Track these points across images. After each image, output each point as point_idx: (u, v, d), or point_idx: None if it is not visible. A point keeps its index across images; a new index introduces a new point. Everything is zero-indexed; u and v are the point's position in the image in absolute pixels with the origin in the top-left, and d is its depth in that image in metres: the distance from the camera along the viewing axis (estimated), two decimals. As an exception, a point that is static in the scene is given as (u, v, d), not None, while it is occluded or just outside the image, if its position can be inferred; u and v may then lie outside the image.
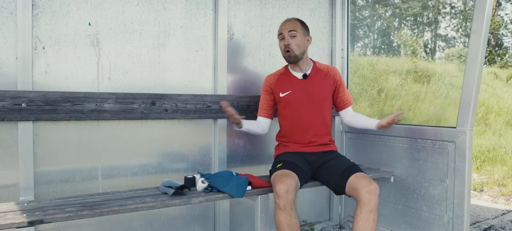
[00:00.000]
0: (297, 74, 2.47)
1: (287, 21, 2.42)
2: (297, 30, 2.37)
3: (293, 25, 2.38)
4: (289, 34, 2.36)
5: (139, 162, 2.51)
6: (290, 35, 2.36)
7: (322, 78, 2.47)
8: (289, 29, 2.36)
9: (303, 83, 2.43)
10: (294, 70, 2.48)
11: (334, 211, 3.23)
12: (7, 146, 2.16)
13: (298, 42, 2.38)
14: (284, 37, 2.39)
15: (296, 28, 2.37)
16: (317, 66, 2.51)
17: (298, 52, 2.39)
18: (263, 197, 2.21)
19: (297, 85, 2.44)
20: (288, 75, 2.49)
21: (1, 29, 2.12)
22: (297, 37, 2.37)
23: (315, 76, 2.46)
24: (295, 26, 2.38)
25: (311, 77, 2.45)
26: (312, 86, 2.43)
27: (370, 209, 2.05)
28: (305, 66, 2.47)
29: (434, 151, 2.52)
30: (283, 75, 2.51)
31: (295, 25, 2.38)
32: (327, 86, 2.48)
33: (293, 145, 2.44)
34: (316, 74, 2.47)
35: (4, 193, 2.16)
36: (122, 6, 2.41)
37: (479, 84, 2.30)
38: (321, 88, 2.46)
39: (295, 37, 2.37)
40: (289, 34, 2.36)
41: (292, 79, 2.46)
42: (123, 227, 2.48)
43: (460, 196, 2.38)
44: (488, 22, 2.24)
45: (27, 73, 2.15)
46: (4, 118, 2.10)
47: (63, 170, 2.31)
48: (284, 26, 2.40)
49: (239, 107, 2.76)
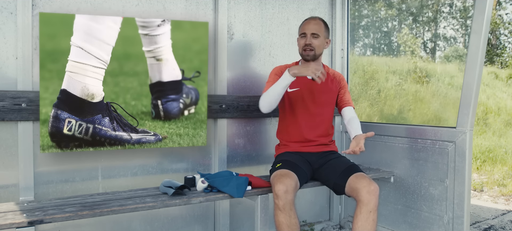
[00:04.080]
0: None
1: (312, 21, 2.38)
2: (320, 33, 2.36)
3: (318, 28, 2.35)
4: (311, 36, 2.35)
5: (139, 162, 2.51)
6: (313, 37, 2.35)
7: (328, 82, 2.47)
8: (313, 32, 2.34)
9: (311, 84, 2.42)
10: None
11: (334, 211, 3.23)
12: (7, 146, 2.16)
13: (319, 43, 2.36)
14: (306, 36, 2.36)
15: (320, 31, 2.36)
16: (326, 70, 2.50)
17: (317, 53, 2.38)
18: (263, 197, 2.21)
19: (306, 85, 2.43)
20: None
21: (1, 29, 2.12)
22: (319, 39, 2.36)
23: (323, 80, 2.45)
24: (319, 29, 2.36)
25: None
26: (319, 89, 2.42)
27: (370, 209, 2.05)
28: (317, 67, 2.45)
29: (434, 151, 2.52)
30: None
31: (319, 28, 2.36)
32: (333, 90, 2.48)
33: (294, 144, 2.43)
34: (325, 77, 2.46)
35: (4, 193, 2.16)
36: (122, 6, 2.41)
37: (479, 84, 2.30)
38: (327, 91, 2.45)
39: (317, 39, 2.36)
40: (312, 35, 2.35)
41: (302, 77, 2.43)
42: (123, 227, 2.48)
43: (460, 196, 2.38)
44: (488, 22, 2.24)
45: (27, 73, 2.15)
46: (4, 118, 2.10)
47: (63, 170, 2.31)
48: (308, 26, 2.37)
49: (239, 107, 2.76)
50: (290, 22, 3.01)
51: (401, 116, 9.20)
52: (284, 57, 2.97)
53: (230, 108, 2.73)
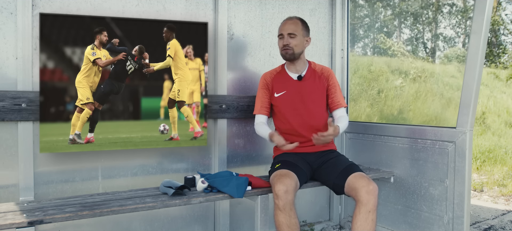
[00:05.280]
0: (293, 74, 2.46)
1: (289, 21, 2.42)
2: (297, 32, 2.37)
3: (294, 27, 2.37)
4: (288, 36, 2.37)
5: (139, 162, 2.51)
6: (290, 37, 2.37)
7: (316, 79, 2.47)
8: (289, 32, 2.36)
9: (297, 85, 2.43)
10: (290, 70, 2.48)
11: (334, 211, 3.23)
12: (7, 146, 2.16)
13: (297, 43, 2.38)
14: (283, 37, 2.39)
15: (297, 30, 2.37)
16: (312, 68, 2.50)
17: (296, 52, 2.39)
18: (263, 197, 2.21)
19: (292, 86, 2.44)
20: (284, 75, 2.48)
21: (1, 29, 2.12)
22: (296, 38, 2.37)
23: (310, 78, 2.46)
24: (296, 29, 2.38)
25: (305, 79, 2.45)
26: (306, 88, 2.43)
27: (369, 209, 2.04)
28: (301, 66, 2.47)
29: (434, 151, 2.52)
30: (279, 74, 2.51)
31: (295, 27, 2.38)
32: (320, 88, 2.47)
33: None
34: (311, 75, 2.47)
35: (4, 193, 2.17)
36: (122, 6, 2.41)
37: (479, 85, 2.30)
38: (315, 90, 2.45)
39: (294, 38, 2.37)
40: (289, 35, 2.37)
41: (287, 79, 2.46)
42: (123, 227, 2.48)
43: (460, 196, 2.38)
44: (488, 22, 2.24)
45: (27, 73, 2.15)
46: (4, 118, 2.10)
47: (63, 170, 2.31)
48: (285, 27, 2.40)
49: (239, 107, 2.76)
50: (290, 22, 3.01)
51: (401, 116, 9.20)
52: (284, 57, 2.97)
53: (230, 108, 2.73)
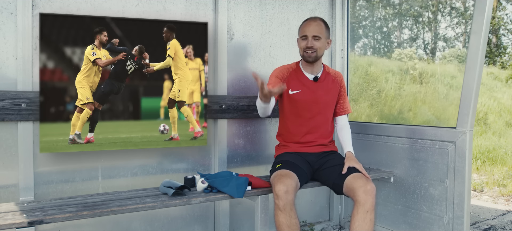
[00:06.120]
0: (309, 75, 2.43)
1: (313, 22, 2.35)
2: (321, 34, 2.33)
3: (319, 29, 2.32)
4: (313, 38, 2.32)
5: (139, 162, 2.51)
6: (314, 39, 2.32)
7: (330, 82, 2.46)
8: (314, 34, 2.31)
9: (313, 86, 2.41)
10: (306, 70, 2.44)
11: (334, 212, 3.23)
12: (7, 146, 2.16)
13: (320, 45, 2.34)
14: (307, 39, 2.33)
15: (321, 32, 2.33)
16: (326, 70, 2.49)
17: (319, 54, 2.36)
18: (263, 197, 2.21)
19: (307, 87, 2.41)
20: (299, 74, 2.43)
21: (1, 29, 2.12)
22: (320, 41, 2.33)
23: (325, 80, 2.44)
24: (320, 30, 2.33)
25: (321, 81, 2.43)
26: (321, 90, 2.41)
27: (367, 209, 2.04)
28: (317, 68, 2.43)
29: (434, 151, 2.52)
30: (295, 72, 2.44)
31: (320, 29, 2.33)
32: (333, 91, 2.46)
33: (293, 145, 2.43)
34: (326, 78, 2.45)
35: (4, 193, 2.17)
36: (122, 6, 2.41)
37: (479, 85, 2.30)
38: (329, 92, 2.44)
39: (319, 40, 2.33)
40: (313, 38, 2.32)
41: (302, 79, 2.42)
42: (123, 227, 2.48)
43: (460, 197, 2.38)
44: (488, 22, 2.24)
45: (27, 73, 2.16)
46: (4, 118, 2.10)
47: (63, 170, 2.31)
48: (309, 28, 2.33)
49: (239, 107, 2.76)
50: (290, 23, 3.01)
51: (401, 116, 9.20)
52: (284, 57, 2.97)
53: (230, 108, 2.73)
